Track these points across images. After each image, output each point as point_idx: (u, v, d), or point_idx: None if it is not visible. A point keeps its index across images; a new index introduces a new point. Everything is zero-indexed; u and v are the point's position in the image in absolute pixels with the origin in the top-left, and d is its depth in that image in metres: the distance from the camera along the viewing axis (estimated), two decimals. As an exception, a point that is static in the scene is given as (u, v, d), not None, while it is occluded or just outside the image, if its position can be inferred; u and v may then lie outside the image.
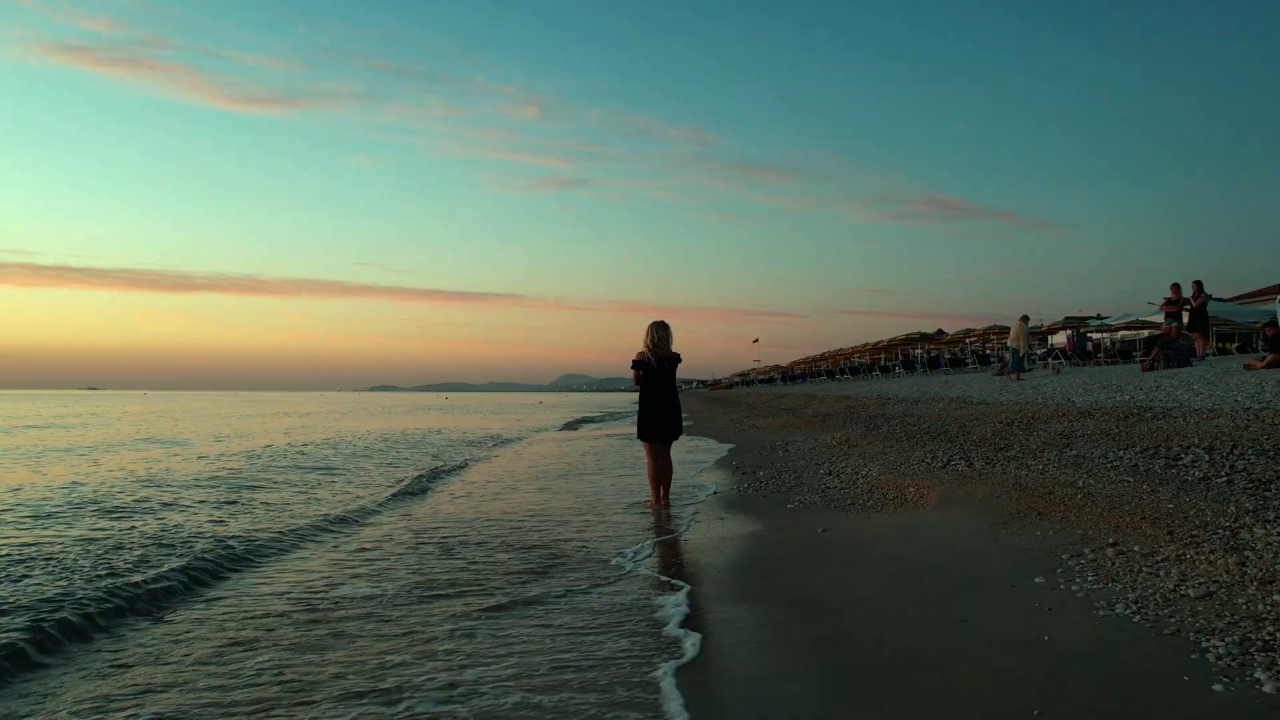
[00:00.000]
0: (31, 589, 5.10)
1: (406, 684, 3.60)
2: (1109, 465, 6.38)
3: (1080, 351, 34.93)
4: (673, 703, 3.25)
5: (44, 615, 4.49)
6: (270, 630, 4.44)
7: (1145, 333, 37.19)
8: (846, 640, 3.87)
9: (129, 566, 5.76)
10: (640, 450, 9.38)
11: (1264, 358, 13.81)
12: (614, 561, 5.98)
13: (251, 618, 4.68)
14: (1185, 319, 18.07)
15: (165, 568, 5.67)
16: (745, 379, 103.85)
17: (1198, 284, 18.07)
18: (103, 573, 5.54)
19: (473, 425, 31.01)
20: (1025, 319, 21.49)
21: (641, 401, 8.48)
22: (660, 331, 8.33)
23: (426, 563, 6.09)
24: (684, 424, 8.73)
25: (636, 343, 8.44)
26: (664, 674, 3.58)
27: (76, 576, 5.44)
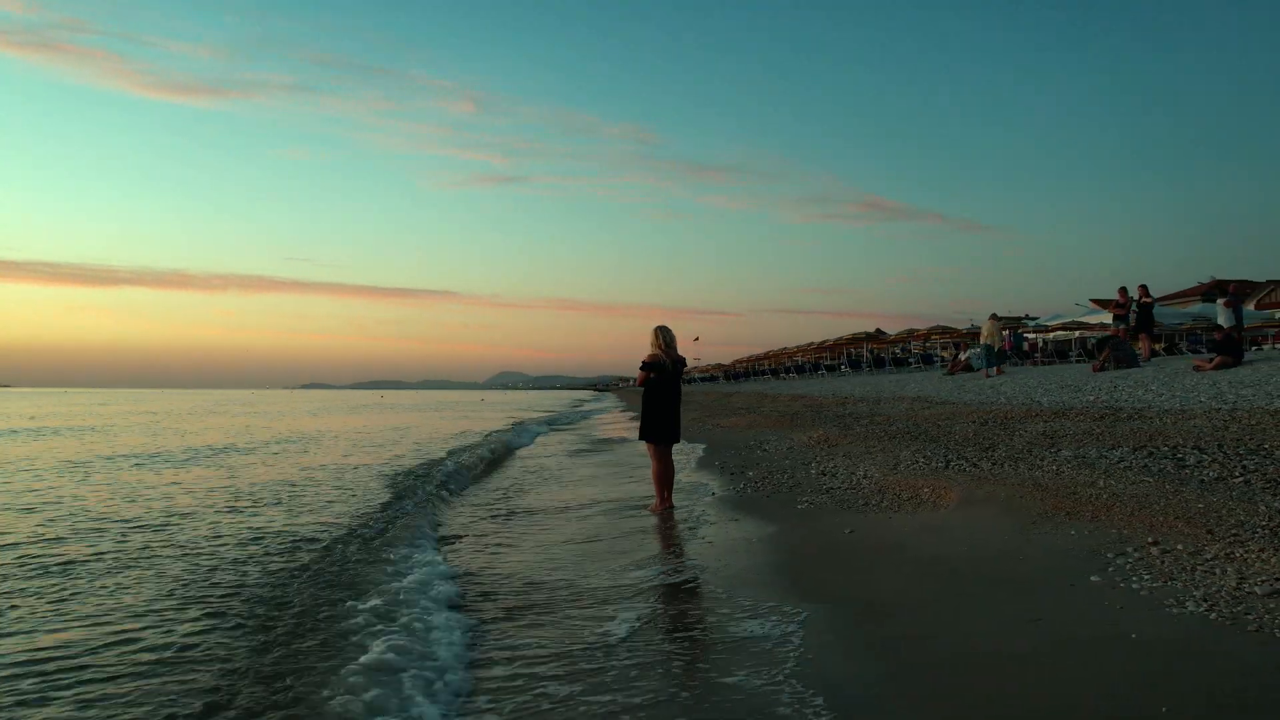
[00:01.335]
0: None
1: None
2: (1122, 466, 6.64)
3: (1018, 351, 36.14)
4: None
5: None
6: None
7: (1076, 333, 38.76)
8: (923, 641, 3.93)
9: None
10: (622, 451, 9.35)
11: (1212, 359, 14.50)
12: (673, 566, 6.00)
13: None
14: (1132, 320, 18.85)
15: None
16: (686, 377, 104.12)
17: (1143, 287, 18.89)
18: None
19: (448, 425, 30.52)
20: (995, 317, 22.21)
21: (648, 403, 8.49)
22: (669, 334, 8.38)
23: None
24: (639, 424, 8.75)
25: (578, 341, 8.64)
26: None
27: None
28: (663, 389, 8.44)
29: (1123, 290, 19.35)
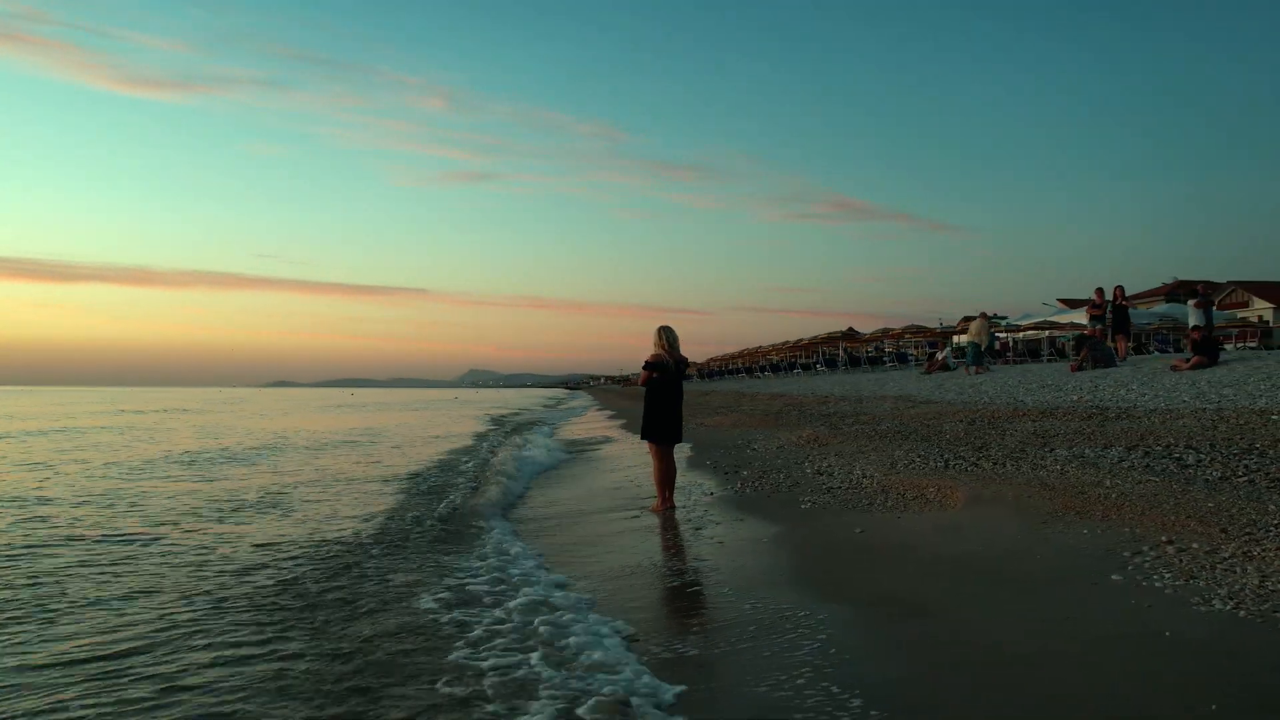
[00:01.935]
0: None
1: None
2: (1125, 466, 6.76)
3: (990, 350, 36.61)
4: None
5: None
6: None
7: (1046, 333, 39.40)
8: (958, 641, 3.95)
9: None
10: (610, 451, 9.34)
11: (1189, 359, 14.81)
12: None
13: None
14: (1108, 321, 19.20)
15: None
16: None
17: (1119, 289, 19.25)
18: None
19: (434, 426, 30.25)
20: (985, 315, 22.58)
21: (651, 403, 8.51)
22: (672, 335, 8.41)
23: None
24: (620, 422, 8.85)
25: (548, 339, 8.72)
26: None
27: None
28: (665, 389, 8.46)
29: (1099, 291, 19.71)
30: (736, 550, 6.43)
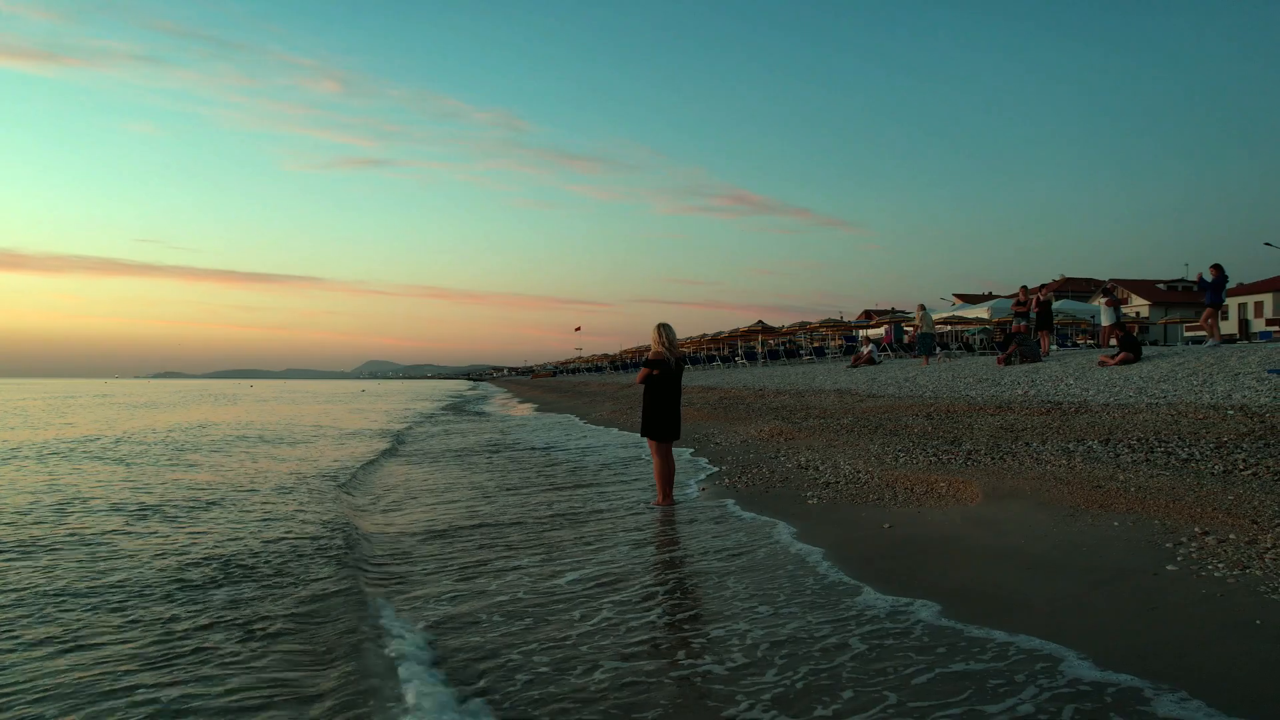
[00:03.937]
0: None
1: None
2: (1130, 461, 7.16)
3: (900, 344, 38.00)
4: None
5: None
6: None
7: (949, 327, 41.21)
8: (1085, 638, 4.04)
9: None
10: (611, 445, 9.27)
11: (1115, 355, 15.77)
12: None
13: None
14: (1033, 318, 20.23)
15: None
16: (569, 367, 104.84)
17: (1042, 287, 20.31)
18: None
19: (369, 418, 29.18)
20: (923, 307, 23.42)
21: (650, 400, 8.52)
22: (671, 332, 8.45)
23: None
24: (549, 415, 8.88)
25: (447, 330, 8.85)
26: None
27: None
28: (664, 387, 8.49)
29: (1024, 289, 20.77)
30: (767, 546, 6.49)
